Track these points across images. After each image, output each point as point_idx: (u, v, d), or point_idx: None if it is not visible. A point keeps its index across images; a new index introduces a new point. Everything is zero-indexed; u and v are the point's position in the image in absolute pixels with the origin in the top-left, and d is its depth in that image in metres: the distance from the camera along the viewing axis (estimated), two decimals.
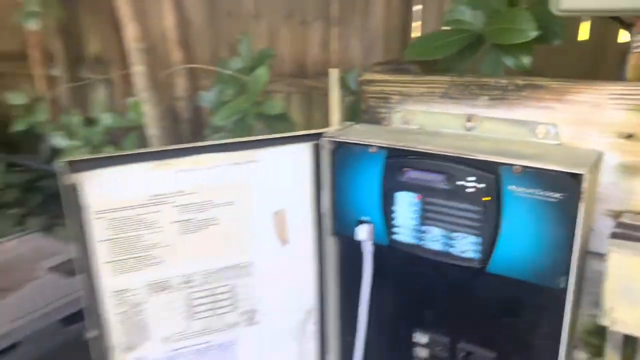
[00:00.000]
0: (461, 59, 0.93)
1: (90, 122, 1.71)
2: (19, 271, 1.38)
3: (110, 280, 0.79)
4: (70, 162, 0.72)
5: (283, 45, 2.74)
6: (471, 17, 0.92)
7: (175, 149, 0.79)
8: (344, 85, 1.60)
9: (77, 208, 0.73)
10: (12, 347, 1.07)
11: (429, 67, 0.96)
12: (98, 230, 0.76)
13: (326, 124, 0.90)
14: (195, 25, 2.61)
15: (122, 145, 1.61)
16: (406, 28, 2.26)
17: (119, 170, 0.75)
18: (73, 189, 0.73)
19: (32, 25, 1.67)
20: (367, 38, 2.42)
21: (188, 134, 1.79)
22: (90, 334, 0.79)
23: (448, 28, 0.94)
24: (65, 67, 3.25)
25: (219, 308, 0.86)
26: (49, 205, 2.69)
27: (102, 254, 0.77)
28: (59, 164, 0.70)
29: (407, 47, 0.95)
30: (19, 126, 1.83)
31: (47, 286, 1.29)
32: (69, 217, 0.73)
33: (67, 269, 1.36)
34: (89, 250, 0.76)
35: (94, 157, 0.73)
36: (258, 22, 2.71)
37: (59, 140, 1.63)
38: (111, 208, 0.76)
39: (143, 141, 1.66)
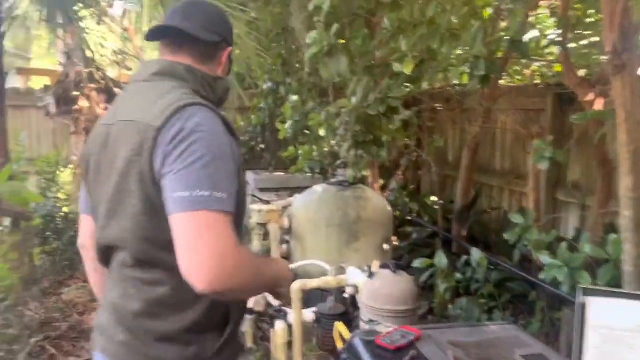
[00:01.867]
0: None
1: (571, 247, 2.07)
2: (498, 350, 1.84)
3: None
4: (584, 289, 1.09)
5: None
6: None
7: None
8: None
9: (580, 319, 1.09)
10: None
11: None
12: (590, 337, 1.10)
13: None
14: None
15: (597, 273, 1.90)
16: None
17: (615, 301, 1.08)
18: (582, 306, 1.09)
19: (543, 166, 2.19)
20: None
21: None
22: None
23: None
24: (546, 190, 3.78)
25: None
26: (513, 303, 3.17)
27: (589, 355, 1.10)
28: (579, 288, 1.09)
29: None
30: (510, 237, 2.36)
31: None
32: (576, 324, 1.10)
33: None
34: (582, 349, 1.10)
35: (601, 289, 1.08)
36: None
37: (544, 257, 2.05)
38: (603, 326, 1.09)
39: (616, 273, 1.90)
